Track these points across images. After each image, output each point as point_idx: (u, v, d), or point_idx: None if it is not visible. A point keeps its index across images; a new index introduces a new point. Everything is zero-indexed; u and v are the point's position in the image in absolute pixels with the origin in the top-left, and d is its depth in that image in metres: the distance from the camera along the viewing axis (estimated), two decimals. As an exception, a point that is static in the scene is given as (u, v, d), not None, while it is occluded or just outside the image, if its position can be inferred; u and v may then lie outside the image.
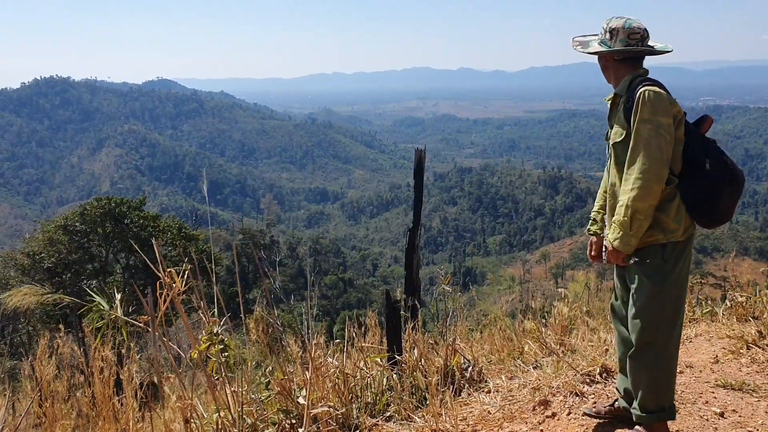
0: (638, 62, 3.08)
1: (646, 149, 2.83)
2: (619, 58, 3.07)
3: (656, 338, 2.95)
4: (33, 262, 18.76)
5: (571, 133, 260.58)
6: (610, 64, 3.12)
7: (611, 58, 3.10)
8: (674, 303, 2.97)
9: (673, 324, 2.99)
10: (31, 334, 16.60)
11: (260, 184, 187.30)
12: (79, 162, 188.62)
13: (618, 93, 3.08)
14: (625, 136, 2.96)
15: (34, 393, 3.57)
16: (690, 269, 3.12)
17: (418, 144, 5.12)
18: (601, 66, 3.18)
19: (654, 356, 2.97)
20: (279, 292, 5.38)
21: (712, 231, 66.29)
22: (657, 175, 2.82)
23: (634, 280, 3.00)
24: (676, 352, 3.06)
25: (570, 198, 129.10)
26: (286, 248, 65.46)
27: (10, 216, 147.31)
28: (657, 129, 2.83)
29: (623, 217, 2.88)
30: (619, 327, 3.22)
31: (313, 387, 3.14)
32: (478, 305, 6.79)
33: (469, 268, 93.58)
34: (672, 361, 3.03)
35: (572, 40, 3.24)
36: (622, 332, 3.18)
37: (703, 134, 2.99)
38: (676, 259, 2.94)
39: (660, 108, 2.85)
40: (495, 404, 3.64)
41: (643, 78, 3.00)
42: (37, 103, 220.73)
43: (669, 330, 2.97)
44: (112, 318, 2.60)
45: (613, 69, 3.12)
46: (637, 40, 3.01)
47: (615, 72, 3.12)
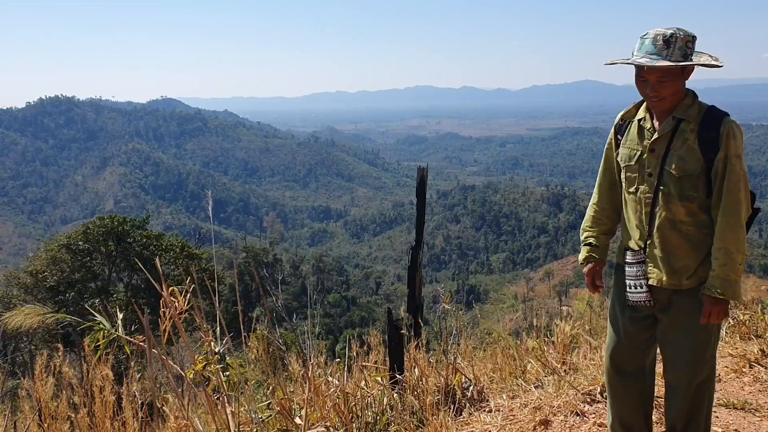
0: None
1: (744, 187, 2.63)
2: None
3: (713, 372, 2.88)
4: (36, 280, 18.78)
5: (574, 150, 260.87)
6: (682, 80, 2.72)
7: (689, 73, 2.73)
8: (718, 331, 2.88)
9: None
10: (33, 353, 16.58)
11: (263, 203, 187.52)
12: (83, 181, 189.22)
13: (684, 118, 2.73)
14: (701, 170, 2.68)
15: (33, 413, 3.57)
16: None
17: (421, 162, 5.13)
18: (680, 87, 2.72)
19: (711, 389, 2.88)
20: (281, 311, 5.38)
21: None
22: (746, 215, 2.68)
23: (683, 320, 2.78)
24: None
25: (573, 215, 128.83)
26: (289, 266, 65.36)
27: (14, 234, 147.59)
28: (744, 165, 2.66)
29: (737, 265, 2.62)
30: (624, 376, 3.00)
31: (313, 406, 3.14)
32: (481, 323, 6.77)
33: (473, 286, 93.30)
34: (714, 386, 2.97)
35: (625, 61, 2.71)
36: (627, 382, 3.00)
37: None
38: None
39: (742, 143, 2.68)
40: (496, 424, 3.63)
41: (711, 105, 2.76)
42: (41, 123, 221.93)
43: (715, 359, 2.91)
44: (113, 337, 2.60)
45: (681, 86, 2.73)
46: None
47: (681, 89, 2.73)
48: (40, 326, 2.62)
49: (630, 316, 2.94)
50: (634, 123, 2.90)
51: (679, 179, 2.71)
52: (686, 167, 2.69)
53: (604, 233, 3.13)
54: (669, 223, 2.76)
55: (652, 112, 2.83)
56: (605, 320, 5.73)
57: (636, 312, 2.91)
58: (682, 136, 2.72)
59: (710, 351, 2.81)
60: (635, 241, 2.89)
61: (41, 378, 3.57)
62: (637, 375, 3.00)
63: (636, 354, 2.97)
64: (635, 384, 3.00)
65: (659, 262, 2.80)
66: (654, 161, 2.78)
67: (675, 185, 2.72)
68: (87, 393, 3.44)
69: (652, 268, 2.82)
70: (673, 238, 2.76)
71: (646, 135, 2.84)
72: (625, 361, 2.99)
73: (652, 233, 2.81)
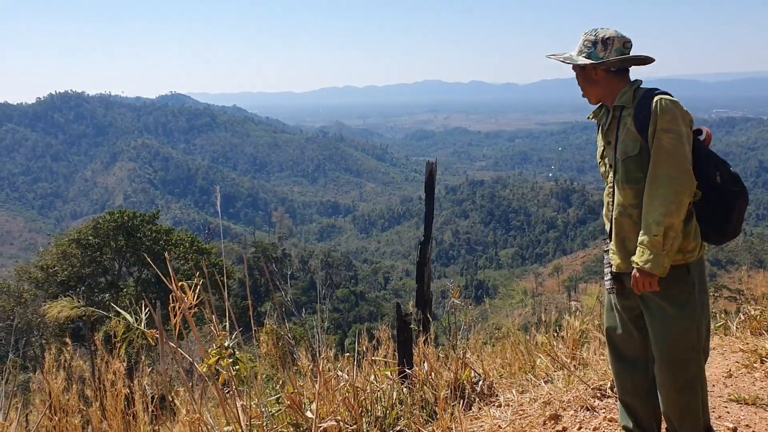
0: (628, 73, 2.96)
1: (672, 160, 2.65)
2: (614, 70, 2.90)
3: (699, 366, 2.81)
4: (47, 275, 18.89)
5: (583, 145, 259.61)
6: (603, 77, 2.93)
7: (604, 70, 2.91)
8: (702, 327, 2.82)
9: (705, 348, 2.87)
10: (44, 347, 16.69)
11: (272, 198, 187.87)
12: (93, 176, 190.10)
13: (620, 105, 2.89)
14: (640, 149, 2.76)
15: (44, 406, 3.59)
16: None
17: (430, 157, 5.12)
18: (587, 80, 2.97)
19: (696, 386, 2.82)
20: (291, 305, 5.39)
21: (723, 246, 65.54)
22: (687, 187, 2.65)
23: (656, 310, 2.80)
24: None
25: (583, 210, 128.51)
26: (298, 261, 65.53)
27: (25, 230, 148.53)
28: (680, 138, 2.67)
29: (654, 236, 2.64)
30: (623, 362, 3.06)
31: (323, 400, 3.14)
32: (490, 318, 6.76)
33: (481, 281, 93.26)
34: (705, 381, 2.89)
35: (551, 57, 3.04)
36: (626, 368, 3.04)
37: (706, 147, 2.82)
38: (697, 280, 2.80)
39: (680, 117, 2.69)
40: (505, 418, 3.63)
41: (650, 88, 2.85)
42: (51, 118, 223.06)
43: (702, 354, 2.84)
44: (127, 331, 2.61)
45: (606, 82, 2.93)
46: (629, 49, 2.88)
47: (609, 85, 2.93)
48: (51, 320, 2.64)
49: (619, 303, 3.02)
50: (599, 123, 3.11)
51: (624, 162, 2.81)
52: (626, 149, 2.80)
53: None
54: (621, 208, 2.86)
55: (608, 109, 3.00)
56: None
57: (624, 300, 2.98)
58: (623, 122, 2.86)
59: (690, 345, 2.77)
60: (607, 231, 3.02)
61: (52, 372, 3.59)
62: (636, 364, 3.00)
63: (632, 341, 3.00)
64: (634, 372, 3.01)
65: (616, 248, 2.90)
66: (611, 152, 2.94)
67: (622, 169, 2.83)
68: (98, 387, 3.46)
69: (613, 254, 2.93)
70: (625, 222, 2.84)
71: (603, 129, 3.03)
72: (623, 345, 3.04)
73: (612, 221, 2.93)
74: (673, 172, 2.64)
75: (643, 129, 2.74)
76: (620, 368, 3.07)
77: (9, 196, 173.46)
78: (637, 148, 2.76)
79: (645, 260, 2.66)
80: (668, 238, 2.63)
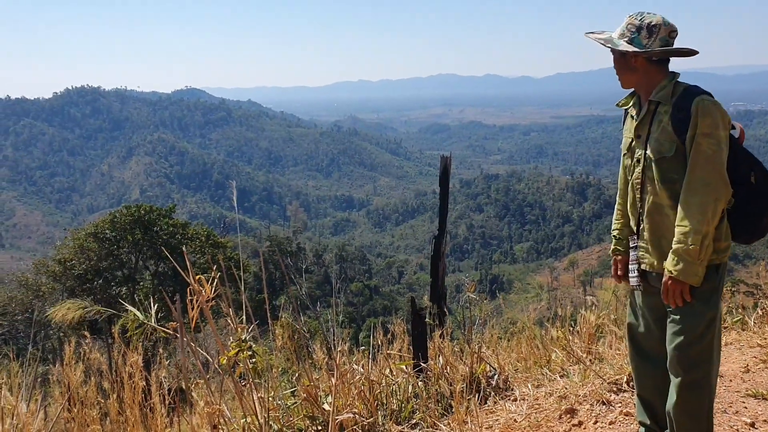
0: (668, 64, 2.79)
1: (711, 166, 2.54)
2: (655, 59, 2.73)
3: (711, 367, 2.72)
4: (64, 269, 19.04)
5: (599, 139, 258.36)
6: (642, 65, 2.76)
7: (645, 59, 2.74)
8: (720, 325, 2.76)
9: (719, 347, 2.79)
10: (62, 340, 16.85)
11: (287, 192, 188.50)
12: (110, 170, 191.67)
13: (657, 100, 2.75)
14: (675, 151, 2.65)
15: (63, 398, 3.63)
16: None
17: (444, 151, 5.11)
18: (626, 68, 2.81)
19: (709, 385, 2.72)
20: (305, 299, 5.41)
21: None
22: (723, 194, 2.56)
23: (683, 307, 2.68)
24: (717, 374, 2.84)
25: (598, 205, 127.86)
26: (313, 255, 65.74)
27: (42, 223, 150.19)
28: (719, 143, 2.56)
29: (690, 245, 2.54)
30: (643, 359, 2.99)
31: (339, 394, 3.16)
32: (505, 313, 6.76)
33: (496, 276, 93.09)
34: (713, 385, 2.79)
35: (590, 36, 2.89)
36: (646, 365, 2.98)
37: (741, 144, 2.72)
38: (722, 279, 2.73)
39: (720, 120, 2.57)
40: (521, 412, 3.62)
41: (691, 85, 2.71)
42: (68, 113, 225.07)
43: (719, 354, 2.78)
44: (144, 325, 2.64)
45: (645, 72, 2.77)
46: (674, 39, 2.72)
47: (648, 76, 2.77)
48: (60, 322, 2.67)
49: (644, 299, 2.96)
50: (629, 112, 2.99)
51: (657, 162, 2.71)
52: (661, 149, 2.70)
53: (627, 225, 3.05)
54: (656, 207, 2.77)
55: (640, 99, 2.89)
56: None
57: (649, 297, 2.92)
58: (657, 118, 2.74)
59: (701, 348, 2.67)
60: (632, 227, 2.94)
61: (71, 364, 3.63)
62: (656, 361, 2.92)
63: (653, 338, 2.93)
64: (654, 369, 2.94)
65: (650, 247, 2.82)
66: (640, 147, 2.82)
67: (656, 169, 2.72)
68: (116, 379, 3.49)
69: (644, 253, 2.85)
70: (661, 222, 2.76)
71: (633, 122, 2.90)
72: (644, 342, 2.98)
73: (642, 218, 2.84)
74: (711, 179, 2.55)
75: (681, 130, 2.63)
76: (640, 364, 3.02)
77: (27, 190, 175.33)
78: (673, 150, 2.66)
79: (680, 269, 2.58)
80: (703, 247, 2.55)
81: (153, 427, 3.29)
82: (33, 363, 5.16)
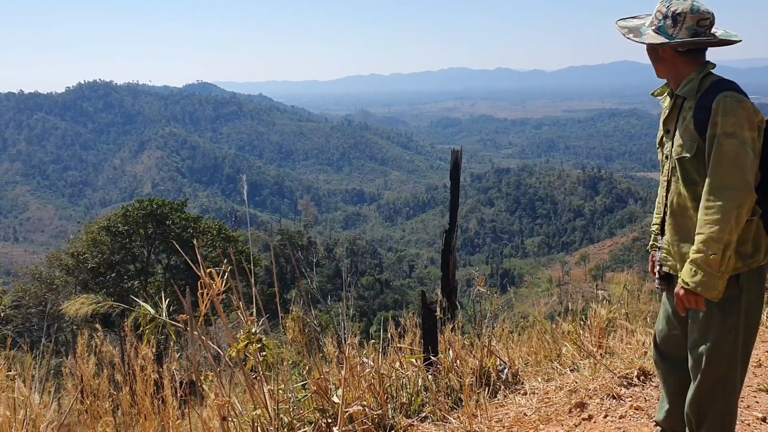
0: (702, 54, 2.59)
1: (734, 169, 2.36)
2: (683, 50, 2.56)
3: (728, 374, 2.60)
4: (77, 262, 19.20)
5: (611, 132, 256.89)
6: (670, 56, 2.60)
7: (672, 50, 2.58)
8: (748, 333, 2.59)
9: (747, 355, 2.64)
10: (75, 333, 16.99)
11: (298, 186, 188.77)
12: (122, 164, 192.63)
13: (682, 95, 2.60)
14: (696, 150, 2.49)
15: (76, 390, 3.67)
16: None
17: (455, 145, 5.11)
18: (654, 58, 2.66)
19: (725, 391, 2.63)
20: (316, 293, 5.43)
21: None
22: (747, 200, 2.37)
23: (700, 312, 2.57)
24: (743, 380, 2.71)
25: (610, 199, 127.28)
26: (323, 249, 65.80)
27: (55, 217, 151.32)
28: (743, 144, 2.37)
29: (711, 255, 2.36)
30: (665, 360, 2.91)
31: (349, 386, 3.17)
32: (516, 307, 6.75)
33: (507, 270, 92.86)
34: (738, 392, 2.69)
35: (617, 24, 2.73)
36: (668, 365, 2.89)
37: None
38: (751, 285, 2.53)
39: (746, 119, 2.40)
40: (531, 406, 3.62)
41: (719, 79, 2.53)
42: (80, 107, 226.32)
43: (743, 362, 2.63)
44: (152, 321, 2.66)
45: (672, 63, 2.61)
46: (706, 28, 2.51)
47: (676, 67, 2.61)
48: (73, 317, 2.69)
49: (669, 302, 2.83)
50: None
51: (679, 161, 2.56)
52: (682, 149, 2.54)
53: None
54: (679, 208, 2.62)
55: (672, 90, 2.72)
56: (643, 304, 5.69)
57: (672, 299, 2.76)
58: (683, 114, 2.58)
59: (727, 349, 2.57)
60: (658, 226, 2.81)
61: (83, 357, 3.66)
62: (678, 363, 2.83)
63: (677, 340, 2.82)
64: (675, 371, 2.85)
65: (672, 249, 2.68)
66: (669, 143, 2.67)
67: (679, 167, 2.57)
68: (128, 372, 3.52)
69: (666, 255, 2.72)
70: (684, 224, 2.60)
71: (663, 115, 2.76)
72: (666, 343, 2.88)
73: (667, 219, 2.69)
74: (734, 183, 2.36)
75: (702, 129, 2.47)
76: (663, 365, 2.93)
77: (40, 184, 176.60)
78: (694, 150, 2.50)
79: (697, 281, 2.40)
80: (725, 257, 2.37)
81: (165, 419, 3.32)
82: (46, 355, 5.21)
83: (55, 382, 4.78)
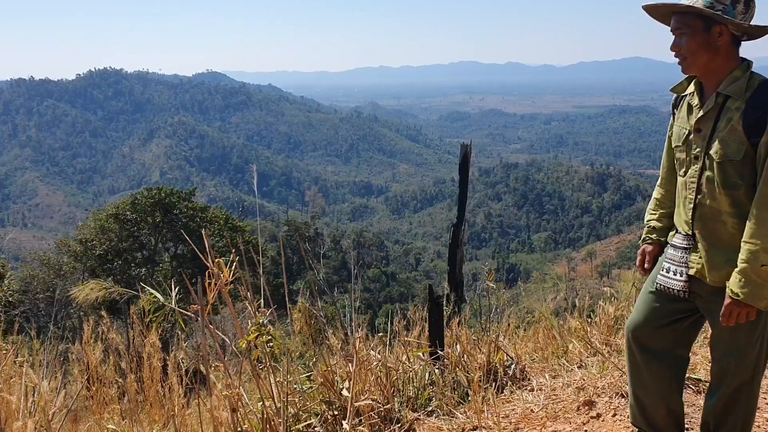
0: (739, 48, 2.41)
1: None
2: (736, 43, 2.35)
3: (753, 378, 2.57)
4: (85, 249, 19.30)
5: (620, 129, 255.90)
6: (727, 46, 2.36)
7: (731, 37, 2.34)
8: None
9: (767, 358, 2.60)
10: (82, 319, 17.07)
11: (305, 177, 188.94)
12: (131, 152, 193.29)
13: (728, 94, 2.39)
14: (744, 155, 2.33)
15: (83, 377, 3.68)
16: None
17: (464, 139, 5.09)
18: (706, 46, 2.37)
19: (748, 395, 2.59)
20: (323, 284, 5.42)
21: None
22: None
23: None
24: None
25: (618, 195, 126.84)
26: (330, 241, 65.80)
27: (64, 204, 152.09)
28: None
29: (762, 266, 2.26)
30: (654, 362, 2.73)
31: (356, 380, 3.16)
32: (522, 302, 6.73)
33: (513, 265, 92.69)
34: (758, 395, 2.66)
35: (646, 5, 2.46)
36: (651, 364, 2.73)
37: None
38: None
39: None
40: (538, 403, 3.61)
41: (766, 79, 2.36)
42: (91, 95, 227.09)
43: (764, 366, 2.60)
44: (160, 309, 2.66)
45: (725, 53, 2.37)
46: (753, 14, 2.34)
47: (727, 57, 2.38)
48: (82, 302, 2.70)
49: (657, 294, 2.70)
50: (686, 99, 2.60)
51: (720, 164, 2.38)
52: (727, 151, 2.36)
53: (667, 216, 2.80)
54: (713, 213, 2.47)
55: (703, 86, 2.51)
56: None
57: (666, 294, 2.66)
58: (726, 115, 2.37)
59: (755, 354, 2.52)
60: (684, 226, 2.62)
61: (90, 343, 3.67)
62: (662, 355, 2.71)
63: (661, 333, 2.70)
64: (660, 364, 2.72)
65: (702, 253, 2.53)
66: (700, 142, 2.48)
67: (718, 171, 2.39)
68: (134, 359, 3.53)
69: (695, 257, 2.55)
70: (717, 230, 2.47)
71: (693, 113, 2.53)
72: (648, 336, 2.72)
73: (695, 222, 2.54)
74: None
75: (753, 132, 2.30)
76: (645, 360, 2.77)
77: (50, 171, 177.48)
78: (741, 154, 2.34)
79: (747, 292, 2.30)
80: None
81: (170, 406, 3.32)
82: (54, 341, 5.23)
83: (63, 368, 4.80)
